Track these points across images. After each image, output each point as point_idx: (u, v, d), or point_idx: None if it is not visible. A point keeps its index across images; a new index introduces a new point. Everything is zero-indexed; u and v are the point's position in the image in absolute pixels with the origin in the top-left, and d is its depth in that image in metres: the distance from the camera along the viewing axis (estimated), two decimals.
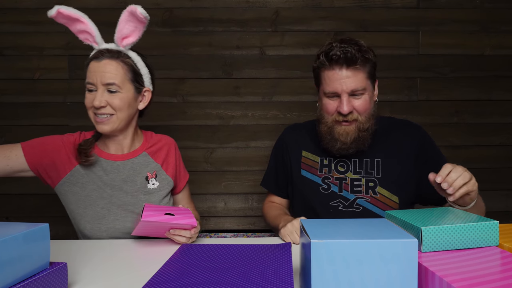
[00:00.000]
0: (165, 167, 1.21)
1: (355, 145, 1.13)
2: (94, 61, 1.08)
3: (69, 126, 1.83)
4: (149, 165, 1.19)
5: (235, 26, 1.83)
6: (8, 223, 0.65)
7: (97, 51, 1.10)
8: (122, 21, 1.08)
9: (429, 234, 0.68)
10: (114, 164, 1.15)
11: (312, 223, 0.67)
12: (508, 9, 1.85)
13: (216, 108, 1.85)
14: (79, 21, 1.08)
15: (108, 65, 1.07)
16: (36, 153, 1.09)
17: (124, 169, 1.15)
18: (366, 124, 1.12)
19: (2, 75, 1.82)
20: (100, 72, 1.07)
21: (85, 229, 1.11)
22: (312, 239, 0.57)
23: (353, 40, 1.12)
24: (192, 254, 0.86)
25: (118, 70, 1.08)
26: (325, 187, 1.19)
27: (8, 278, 0.58)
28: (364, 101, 1.10)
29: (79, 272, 0.82)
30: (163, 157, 1.22)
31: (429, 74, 1.86)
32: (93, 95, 1.08)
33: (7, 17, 1.81)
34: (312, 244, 0.57)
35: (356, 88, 1.08)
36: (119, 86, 1.08)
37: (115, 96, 1.08)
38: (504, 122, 1.88)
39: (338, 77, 1.08)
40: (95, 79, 1.07)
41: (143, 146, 1.20)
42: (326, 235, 0.59)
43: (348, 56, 1.06)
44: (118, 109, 1.09)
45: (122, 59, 1.10)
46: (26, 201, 1.85)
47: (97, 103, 1.06)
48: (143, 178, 1.16)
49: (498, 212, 1.89)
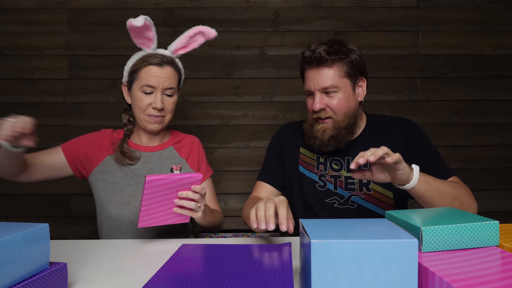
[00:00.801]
0: (190, 162, 1.30)
1: (333, 142, 1.15)
2: (155, 66, 1.16)
3: (69, 126, 1.83)
4: (175, 158, 1.28)
5: (235, 26, 1.83)
6: (8, 223, 0.65)
7: (153, 55, 1.17)
8: (188, 36, 1.20)
9: (429, 234, 0.68)
10: (143, 155, 1.25)
11: (312, 223, 0.67)
12: (508, 9, 1.85)
13: (216, 108, 1.85)
14: (149, 29, 1.15)
15: (169, 71, 1.18)
16: (72, 149, 1.21)
17: (152, 160, 1.25)
18: (343, 123, 1.14)
19: (2, 75, 1.82)
20: (162, 77, 1.16)
21: (111, 214, 1.18)
22: (312, 239, 0.57)
23: (337, 40, 1.15)
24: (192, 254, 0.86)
25: (174, 76, 1.20)
26: (321, 184, 1.21)
27: (8, 278, 0.58)
28: (338, 99, 1.13)
29: (79, 272, 0.82)
30: (187, 153, 1.31)
31: (429, 74, 1.86)
32: (150, 97, 1.17)
33: (7, 17, 1.81)
34: (312, 244, 0.57)
35: (326, 86, 1.12)
36: (175, 90, 1.21)
37: (170, 99, 1.20)
38: (504, 122, 1.88)
39: (311, 76, 1.14)
40: (158, 83, 1.16)
41: (170, 141, 1.31)
42: (326, 235, 0.59)
43: (315, 56, 1.11)
44: (170, 111, 1.22)
45: (175, 67, 1.21)
46: (26, 201, 1.86)
47: (159, 105, 1.16)
48: (168, 169, 1.25)
49: (498, 212, 1.89)
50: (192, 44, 1.23)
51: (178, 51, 1.22)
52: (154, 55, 1.17)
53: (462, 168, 1.85)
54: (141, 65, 1.17)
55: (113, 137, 1.25)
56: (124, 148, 1.21)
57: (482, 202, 1.90)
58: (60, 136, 1.83)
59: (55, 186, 1.84)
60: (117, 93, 1.83)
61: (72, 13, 1.81)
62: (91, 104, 1.83)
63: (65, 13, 1.81)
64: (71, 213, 1.87)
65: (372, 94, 1.82)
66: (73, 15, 1.81)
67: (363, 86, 1.19)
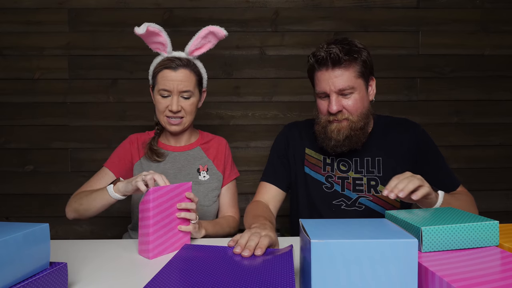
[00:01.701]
0: (216, 163, 1.33)
1: (348, 142, 1.13)
2: (170, 70, 1.19)
3: (69, 126, 1.83)
4: (202, 159, 1.32)
5: (235, 26, 1.83)
6: (8, 223, 0.65)
7: (169, 59, 1.21)
8: (200, 37, 1.21)
9: (429, 234, 0.68)
10: (172, 154, 1.30)
11: (312, 223, 0.67)
12: (508, 9, 1.85)
13: (216, 108, 1.85)
14: (158, 35, 1.18)
15: (183, 74, 1.20)
16: (118, 165, 1.26)
17: (180, 159, 1.29)
18: (359, 123, 1.12)
19: (2, 75, 1.82)
20: (177, 81, 1.19)
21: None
22: (312, 239, 0.57)
23: (345, 40, 1.12)
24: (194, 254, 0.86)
25: (191, 78, 1.22)
26: (328, 185, 1.19)
27: (8, 278, 0.58)
28: (354, 100, 1.11)
29: (79, 272, 0.82)
30: (214, 153, 1.34)
31: (429, 74, 1.86)
32: (167, 100, 1.21)
33: (7, 17, 1.81)
34: (312, 244, 0.57)
35: (343, 87, 1.09)
36: (192, 92, 1.22)
37: (187, 101, 1.23)
38: (504, 122, 1.88)
39: (326, 77, 1.10)
40: (173, 87, 1.19)
41: (198, 141, 1.35)
42: (326, 235, 0.59)
43: (331, 57, 1.08)
44: (189, 113, 1.24)
45: (192, 68, 1.23)
46: (26, 201, 1.86)
47: (175, 108, 1.19)
48: (195, 169, 1.29)
49: (498, 212, 1.89)
50: (206, 45, 1.25)
51: (194, 53, 1.24)
52: (170, 59, 1.20)
53: (462, 168, 1.85)
54: (158, 70, 1.21)
55: (142, 139, 1.31)
56: (153, 146, 1.27)
57: (482, 202, 1.90)
58: (60, 136, 1.83)
59: (55, 186, 1.84)
60: (117, 93, 1.83)
61: (72, 13, 1.81)
62: (91, 104, 1.83)
63: (65, 13, 1.81)
64: None
65: None
66: (73, 15, 1.81)
67: (373, 85, 1.19)
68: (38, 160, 1.84)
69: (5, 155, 1.84)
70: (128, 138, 1.32)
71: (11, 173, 1.84)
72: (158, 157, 1.26)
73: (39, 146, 1.84)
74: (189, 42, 1.22)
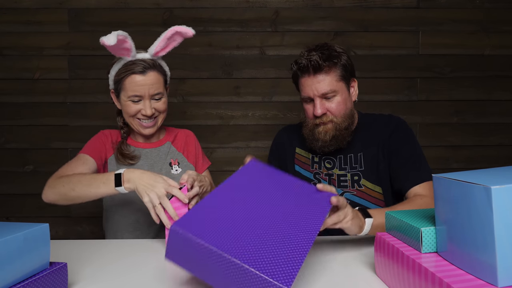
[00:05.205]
0: (186, 155, 1.34)
1: (334, 142, 1.21)
2: (138, 74, 1.16)
3: (69, 126, 1.83)
4: (172, 153, 1.32)
5: (235, 26, 1.83)
6: (8, 223, 0.65)
7: (134, 63, 1.17)
8: (166, 38, 1.17)
9: (429, 235, 0.68)
10: (143, 151, 1.29)
11: (451, 175, 0.64)
12: (508, 9, 1.85)
13: (216, 108, 1.85)
14: (124, 41, 1.12)
15: (153, 77, 1.18)
16: (94, 152, 1.22)
17: (151, 156, 1.29)
18: (343, 124, 1.20)
19: (2, 75, 1.82)
20: (147, 85, 1.17)
21: (116, 213, 1.24)
22: (492, 185, 0.54)
23: (325, 46, 1.19)
24: (255, 172, 0.94)
25: (159, 79, 1.21)
26: (316, 182, 1.26)
27: (8, 278, 0.58)
28: (337, 103, 1.18)
29: (79, 272, 0.82)
30: (183, 146, 1.35)
31: (429, 74, 1.86)
32: (139, 105, 1.19)
33: (7, 17, 1.80)
34: (493, 190, 0.53)
35: (326, 91, 1.16)
36: (163, 93, 1.22)
37: (159, 102, 1.22)
38: (504, 122, 1.88)
39: (309, 83, 1.18)
40: (144, 91, 1.17)
41: (166, 137, 1.35)
42: (499, 182, 0.56)
43: (312, 64, 1.14)
44: (162, 112, 1.24)
45: (158, 69, 1.21)
46: (26, 201, 1.86)
47: (149, 112, 1.18)
48: (167, 164, 1.30)
49: None
50: (171, 44, 1.21)
51: (159, 53, 1.21)
52: (135, 62, 1.16)
53: (462, 168, 1.85)
54: (124, 75, 1.17)
55: (112, 138, 1.29)
56: (124, 150, 1.24)
57: None
58: (60, 136, 1.83)
59: None
60: None
61: (72, 13, 1.81)
62: (91, 104, 1.83)
63: (65, 13, 1.81)
64: (71, 213, 1.87)
65: (372, 94, 1.82)
66: (73, 15, 1.81)
67: (355, 86, 1.26)
68: (38, 160, 1.84)
69: (5, 155, 1.84)
70: (101, 132, 1.29)
71: (11, 173, 1.84)
72: (132, 160, 1.24)
73: (39, 146, 1.84)
74: (154, 43, 1.19)
